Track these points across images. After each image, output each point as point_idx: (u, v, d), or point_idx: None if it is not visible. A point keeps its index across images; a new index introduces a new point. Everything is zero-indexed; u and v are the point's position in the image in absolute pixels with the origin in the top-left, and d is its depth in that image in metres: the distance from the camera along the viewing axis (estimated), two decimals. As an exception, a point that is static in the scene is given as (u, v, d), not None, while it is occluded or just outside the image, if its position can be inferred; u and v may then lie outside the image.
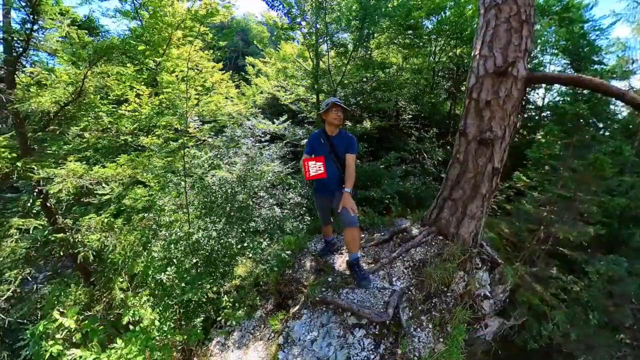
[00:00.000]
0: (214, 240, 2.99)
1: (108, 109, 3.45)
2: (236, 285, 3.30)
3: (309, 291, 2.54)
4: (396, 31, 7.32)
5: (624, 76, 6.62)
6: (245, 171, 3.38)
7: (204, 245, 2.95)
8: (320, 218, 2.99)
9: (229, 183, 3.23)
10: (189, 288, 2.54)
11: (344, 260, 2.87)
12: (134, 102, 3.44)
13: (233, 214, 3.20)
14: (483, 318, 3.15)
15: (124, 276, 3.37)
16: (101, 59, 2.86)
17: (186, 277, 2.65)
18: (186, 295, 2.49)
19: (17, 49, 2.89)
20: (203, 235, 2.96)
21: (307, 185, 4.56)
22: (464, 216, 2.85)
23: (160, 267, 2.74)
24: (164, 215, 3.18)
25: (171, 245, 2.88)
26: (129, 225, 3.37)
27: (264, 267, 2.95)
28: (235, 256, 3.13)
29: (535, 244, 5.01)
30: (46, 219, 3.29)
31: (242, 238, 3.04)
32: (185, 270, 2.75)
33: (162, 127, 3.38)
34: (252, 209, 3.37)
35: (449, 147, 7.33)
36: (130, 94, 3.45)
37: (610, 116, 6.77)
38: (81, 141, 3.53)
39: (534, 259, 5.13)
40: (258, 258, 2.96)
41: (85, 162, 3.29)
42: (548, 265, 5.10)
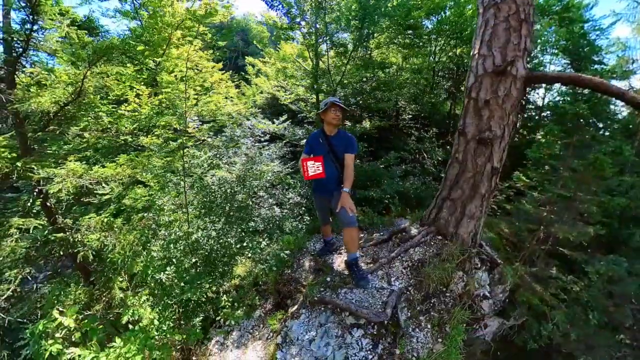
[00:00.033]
0: (213, 240, 2.99)
1: (108, 109, 3.45)
2: (235, 285, 3.31)
3: (308, 291, 2.55)
4: (396, 31, 7.32)
5: (624, 76, 6.61)
6: (244, 171, 3.38)
7: (203, 245, 2.95)
8: (319, 218, 2.99)
9: (228, 183, 3.23)
10: (188, 288, 2.55)
11: (342, 260, 2.87)
12: (133, 102, 3.44)
13: (232, 213, 3.20)
14: (482, 318, 3.14)
15: (124, 276, 3.38)
16: (101, 59, 2.86)
17: (185, 277, 2.66)
18: (185, 295, 2.50)
19: (17, 49, 2.90)
20: (202, 235, 2.96)
21: (307, 185, 4.56)
22: (463, 216, 2.84)
23: (159, 267, 2.75)
24: (163, 215, 3.19)
25: (170, 245, 2.89)
26: (129, 225, 3.37)
27: (263, 267, 2.95)
28: (234, 256, 3.14)
29: (535, 244, 5.00)
30: (46, 219, 3.30)
31: (242, 238, 3.04)
32: (184, 270, 2.75)
33: (162, 127, 3.38)
34: (252, 209, 3.38)
35: (448, 147, 7.32)
36: (130, 94, 3.45)
37: (611, 116, 6.77)
38: (81, 141, 3.53)
39: (533, 259, 5.13)
40: (257, 258, 2.97)
41: (85, 162, 3.30)
42: (548, 265, 5.09)
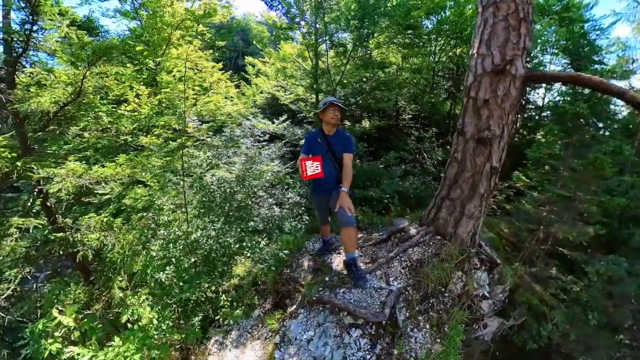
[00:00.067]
0: (213, 240, 3.00)
1: (108, 109, 3.46)
2: (235, 285, 3.32)
3: (306, 290, 2.55)
4: (395, 31, 7.31)
5: (624, 76, 6.59)
6: (244, 171, 3.39)
7: (203, 245, 2.96)
8: (318, 218, 2.99)
9: (227, 183, 3.23)
10: (187, 287, 2.56)
11: (341, 259, 2.87)
12: (133, 102, 3.45)
13: (232, 213, 3.20)
14: (482, 318, 3.14)
15: (123, 275, 3.39)
16: (100, 59, 2.87)
17: (184, 277, 2.66)
18: (184, 294, 2.51)
19: (17, 49, 2.91)
20: (202, 234, 2.97)
21: (306, 184, 4.56)
22: (462, 216, 2.84)
23: (159, 267, 2.75)
24: (162, 214, 3.20)
25: (170, 245, 2.90)
26: (128, 225, 3.38)
27: (262, 267, 2.95)
28: (233, 255, 3.14)
29: (534, 244, 4.99)
30: (46, 218, 3.31)
31: (241, 237, 3.04)
32: (183, 270, 2.76)
33: (161, 127, 3.39)
34: (251, 209, 3.38)
35: (448, 147, 7.29)
36: (130, 94, 3.46)
37: (610, 116, 6.76)
38: (81, 141, 3.54)
39: (533, 259, 5.12)
40: (256, 257, 2.97)
41: (85, 162, 3.31)
42: (547, 265, 5.09)
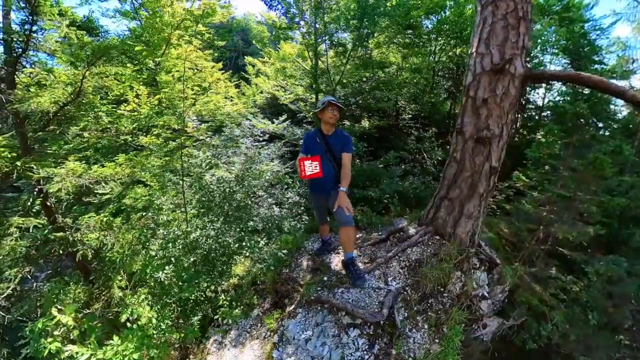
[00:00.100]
0: (212, 239, 3.00)
1: (107, 109, 3.47)
2: (234, 284, 3.32)
3: (305, 290, 2.55)
4: (395, 30, 7.31)
5: (624, 76, 6.58)
6: (243, 170, 3.40)
7: (202, 244, 2.97)
8: (317, 217, 3.00)
9: (227, 182, 3.24)
10: (186, 286, 2.56)
11: (340, 259, 2.87)
12: (132, 102, 3.46)
13: (231, 213, 3.21)
14: (481, 318, 3.14)
15: (123, 275, 3.40)
16: (99, 59, 2.88)
17: (184, 276, 2.67)
18: (183, 294, 2.51)
19: (17, 49, 2.92)
20: (201, 234, 2.97)
21: (305, 184, 4.57)
22: (461, 216, 2.84)
23: (158, 266, 2.76)
24: (162, 214, 3.21)
25: (169, 244, 2.90)
26: (128, 224, 3.39)
27: (261, 266, 2.96)
28: (233, 255, 3.15)
29: (534, 243, 4.98)
30: (46, 218, 3.32)
31: (241, 237, 3.05)
32: (183, 269, 2.77)
33: (160, 127, 3.40)
34: (251, 208, 3.39)
35: (448, 147, 7.24)
36: (130, 94, 3.47)
37: (610, 116, 6.75)
38: (81, 141, 3.55)
39: (533, 259, 5.11)
40: (255, 257, 2.98)
41: (85, 162, 3.31)
42: (547, 265, 5.08)
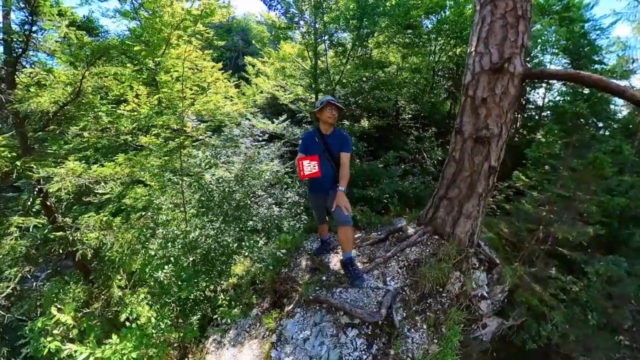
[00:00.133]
0: (211, 239, 3.01)
1: (107, 109, 3.47)
2: (233, 284, 3.33)
3: (303, 290, 2.56)
4: (395, 30, 7.31)
5: (624, 75, 6.57)
6: (243, 170, 3.40)
7: (201, 244, 2.97)
8: (316, 217, 3.00)
9: (226, 182, 3.25)
10: (186, 286, 2.57)
11: (339, 259, 2.88)
12: (132, 102, 3.47)
13: (230, 212, 3.22)
14: (480, 318, 3.13)
15: (122, 274, 3.41)
16: (99, 59, 2.89)
17: (183, 275, 2.68)
18: (183, 293, 2.52)
19: (17, 49, 2.92)
20: (200, 233, 2.98)
21: (305, 184, 4.57)
22: (459, 215, 2.83)
23: (158, 266, 2.77)
24: (161, 213, 3.21)
25: (168, 244, 2.91)
26: (127, 224, 3.40)
27: (260, 266, 2.96)
28: (232, 255, 3.15)
29: (534, 243, 4.98)
30: (46, 218, 3.32)
31: (240, 237, 3.05)
32: (182, 269, 2.77)
33: (160, 127, 3.41)
34: (250, 208, 3.39)
35: (448, 147, 7.27)
36: (130, 93, 3.48)
37: (610, 115, 6.74)
38: (81, 141, 3.56)
39: (533, 259, 5.11)
40: (255, 257, 2.98)
41: (85, 162, 3.32)
42: (547, 265, 5.07)
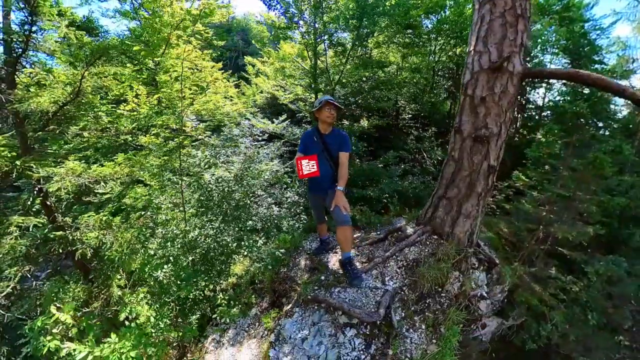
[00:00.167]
0: (211, 239, 3.01)
1: (107, 109, 3.49)
2: (232, 283, 3.33)
3: (302, 289, 2.56)
4: (395, 30, 7.31)
5: (624, 75, 6.56)
6: (242, 170, 3.40)
7: (201, 244, 2.97)
8: (315, 217, 3.00)
9: (226, 182, 3.25)
10: (185, 285, 2.57)
11: (338, 259, 2.88)
12: (132, 102, 3.47)
13: (230, 212, 3.22)
14: (480, 319, 3.13)
15: (122, 273, 3.41)
16: (98, 59, 2.89)
17: (182, 275, 2.68)
18: (182, 293, 2.52)
19: (17, 49, 2.93)
20: (200, 233, 2.98)
21: (304, 184, 4.57)
22: (459, 215, 2.83)
23: (157, 265, 2.77)
24: (160, 213, 3.22)
25: (168, 243, 2.91)
26: (127, 223, 3.41)
27: (259, 266, 2.97)
28: (231, 254, 3.15)
29: (534, 243, 4.97)
30: (46, 217, 3.33)
31: (239, 236, 3.06)
32: (182, 268, 2.77)
33: (159, 126, 3.42)
34: (250, 208, 3.40)
35: (448, 146, 7.28)
36: (130, 93, 3.49)
37: (610, 115, 6.72)
38: (81, 140, 3.57)
39: (533, 258, 5.09)
40: (254, 256, 2.98)
41: (85, 161, 3.33)
42: (547, 265, 5.06)
